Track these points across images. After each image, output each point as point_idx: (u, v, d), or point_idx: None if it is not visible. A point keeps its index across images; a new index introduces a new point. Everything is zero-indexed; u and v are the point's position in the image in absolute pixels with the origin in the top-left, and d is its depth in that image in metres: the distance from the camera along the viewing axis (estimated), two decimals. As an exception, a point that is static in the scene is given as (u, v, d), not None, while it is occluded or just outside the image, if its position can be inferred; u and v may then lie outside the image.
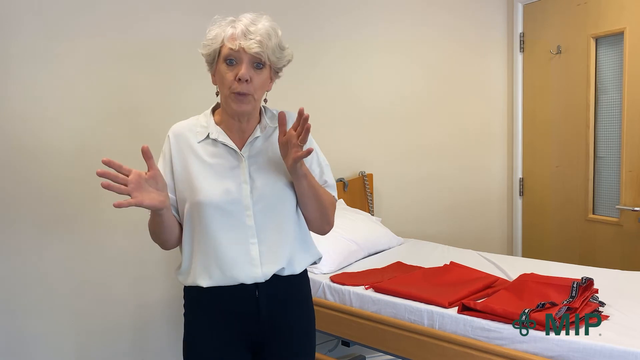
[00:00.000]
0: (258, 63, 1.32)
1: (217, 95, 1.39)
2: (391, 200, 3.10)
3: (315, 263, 1.52)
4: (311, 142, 1.46)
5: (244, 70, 1.29)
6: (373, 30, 2.97)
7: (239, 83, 1.29)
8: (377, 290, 2.02)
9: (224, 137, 1.37)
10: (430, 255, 2.47)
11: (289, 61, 1.40)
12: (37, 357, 2.14)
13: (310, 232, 1.50)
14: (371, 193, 2.98)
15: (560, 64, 3.07)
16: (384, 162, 3.06)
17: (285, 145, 1.31)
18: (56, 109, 2.15)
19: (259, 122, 1.41)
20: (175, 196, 1.38)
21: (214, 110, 1.44)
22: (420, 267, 2.25)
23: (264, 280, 1.36)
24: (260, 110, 1.43)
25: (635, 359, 1.43)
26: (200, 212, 1.33)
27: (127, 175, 1.22)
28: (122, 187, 1.22)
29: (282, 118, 1.30)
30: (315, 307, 2.13)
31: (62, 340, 2.19)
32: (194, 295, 1.40)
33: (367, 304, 2.01)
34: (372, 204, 2.98)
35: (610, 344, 1.49)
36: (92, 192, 2.21)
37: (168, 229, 1.35)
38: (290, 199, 1.40)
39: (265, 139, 1.41)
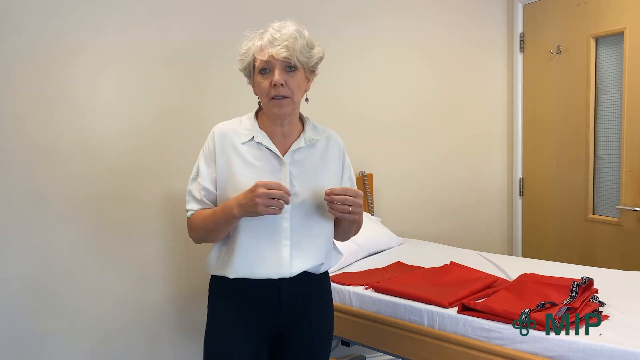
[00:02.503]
0: (289, 66, 1.40)
1: (259, 104, 1.48)
2: (391, 200, 3.10)
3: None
4: (347, 163, 1.59)
5: (277, 76, 1.37)
6: (372, 30, 2.97)
7: (275, 88, 1.38)
8: (377, 290, 2.02)
9: (267, 142, 1.45)
10: (430, 255, 2.47)
11: (321, 58, 1.48)
12: (35, 357, 2.14)
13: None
14: (371, 193, 2.98)
15: (560, 64, 3.07)
16: (384, 162, 3.06)
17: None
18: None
19: (302, 131, 1.51)
20: (216, 191, 1.46)
21: (256, 115, 1.51)
22: (420, 267, 2.25)
23: (288, 277, 1.45)
24: (302, 118, 1.54)
25: (635, 359, 1.43)
26: None
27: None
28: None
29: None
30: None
31: (62, 340, 2.19)
32: (219, 285, 1.49)
33: (367, 304, 2.01)
34: (372, 204, 2.98)
35: (610, 344, 1.49)
36: (94, 193, 2.22)
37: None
38: (325, 208, 1.45)
39: (308, 150, 1.49)
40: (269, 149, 1.45)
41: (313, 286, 1.53)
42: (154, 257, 2.37)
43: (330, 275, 2.20)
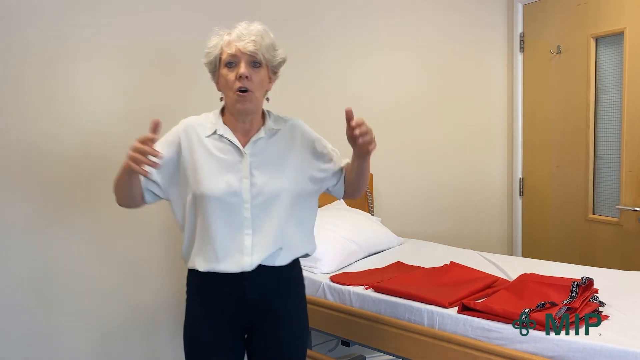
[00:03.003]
0: (255, 62, 1.45)
1: (222, 100, 1.54)
2: (391, 200, 3.10)
3: (307, 255, 1.62)
4: (308, 136, 1.60)
5: (243, 68, 1.43)
6: (373, 30, 2.97)
7: (240, 80, 1.42)
8: (377, 290, 2.02)
9: (229, 134, 1.50)
10: (430, 255, 2.47)
11: (284, 60, 1.53)
12: (35, 356, 2.14)
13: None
14: (371, 193, 2.98)
15: (560, 64, 3.07)
16: (384, 162, 3.06)
17: (354, 138, 1.45)
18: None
19: (263, 124, 1.55)
20: (165, 177, 1.50)
21: (222, 112, 1.56)
22: (420, 267, 2.25)
23: (250, 270, 1.47)
24: (264, 113, 1.57)
25: (635, 359, 1.43)
26: (202, 202, 1.46)
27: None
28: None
29: (348, 114, 1.46)
30: (315, 307, 2.14)
31: (62, 340, 2.19)
32: (193, 278, 1.55)
33: (367, 304, 2.01)
34: (372, 204, 2.98)
35: (610, 344, 1.48)
36: (93, 193, 2.22)
37: (132, 192, 1.47)
38: (286, 196, 1.51)
39: (268, 139, 1.53)
40: (231, 141, 1.50)
41: (279, 280, 1.54)
42: (154, 255, 2.37)
43: (330, 275, 2.21)
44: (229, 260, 1.47)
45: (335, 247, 2.34)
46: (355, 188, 1.65)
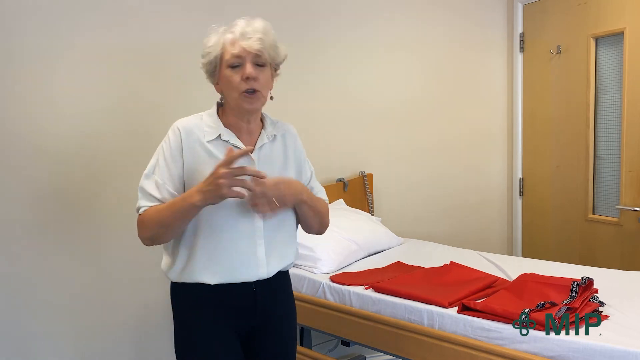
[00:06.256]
0: (259, 63, 1.37)
1: (221, 100, 1.46)
2: (391, 200, 3.10)
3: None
4: (300, 149, 1.56)
5: (249, 69, 1.35)
6: (373, 30, 2.97)
7: (247, 82, 1.35)
8: (377, 290, 2.02)
9: (235, 140, 1.41)
10: (430, 255, 2.47)
11: (285, 57, 1.46)
12: (37, 357, 2.13)
13: (307, 234, 1.61)
14: (371, 193, 2.98)
15: (560, 64, 3.07)
16: (384, 162, 3.06)
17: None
18: (62, 109, 2.16)
19: (263, 127, 1.48)
20: (183, 189, 1.40)
21: (217, 112, 1.47)
22: (420, 267, 2.25)
23: (266, 278, 1.44)
24: (262, 115, 1.51)
25: (635, 359, 1.43)
26: (210, 210, 1.34)
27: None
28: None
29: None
30: (315, 307, 2.15)
31: (62, 342, 2.18)
32: (191, 292, 1.43)
33: (367, 304, 2.01)
34: (372, 204, 2.98)
35: (610, 344, 1.49)
36: (91, 193, 2.21)
37: (185, 225, 1.37)
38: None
39: (271, 144, 1.48)
40: (237, 147, 1.39)
41: (280, 284, 1.53)
42: (146, 259, 2.34)
43: (330, 275, 2.21)
44: (244, 270, 1.40)
45: (335, 247, 2.34)
46: (305, 225, 1.54)
